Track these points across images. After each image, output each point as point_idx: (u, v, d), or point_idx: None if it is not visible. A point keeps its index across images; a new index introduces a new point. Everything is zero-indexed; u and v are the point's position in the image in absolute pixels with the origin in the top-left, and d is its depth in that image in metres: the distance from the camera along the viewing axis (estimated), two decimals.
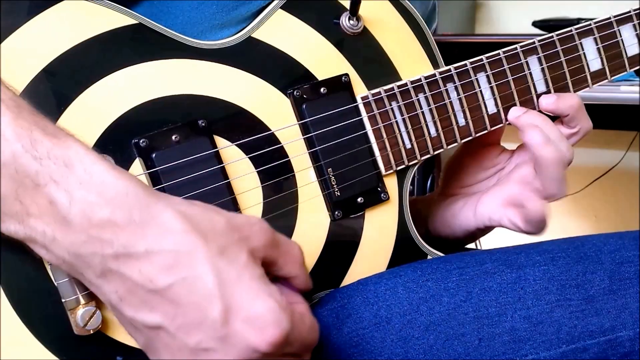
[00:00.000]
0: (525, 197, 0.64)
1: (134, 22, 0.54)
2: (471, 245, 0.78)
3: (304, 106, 0.59)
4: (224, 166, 0.55)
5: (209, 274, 0.43)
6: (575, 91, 0.69)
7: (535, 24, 1.67)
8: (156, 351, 0.46)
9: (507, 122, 0.67)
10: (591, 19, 0.70)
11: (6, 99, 0.45)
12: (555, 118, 0.68)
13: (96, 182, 0.43)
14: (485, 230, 0.70)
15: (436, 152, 0.65)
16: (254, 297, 0.43)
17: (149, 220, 0.43)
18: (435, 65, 0.66)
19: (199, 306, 0.43)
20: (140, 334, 0.46)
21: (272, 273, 0.48)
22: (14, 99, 0.45)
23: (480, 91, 0.65)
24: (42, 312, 0.49)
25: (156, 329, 0.44)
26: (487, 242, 0.84)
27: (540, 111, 0.67)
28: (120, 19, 0.53)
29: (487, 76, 0.65)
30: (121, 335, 0.51)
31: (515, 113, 0.66)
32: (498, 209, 0.67)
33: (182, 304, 0.43)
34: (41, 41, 0.50)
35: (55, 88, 0.51)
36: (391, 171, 0.63)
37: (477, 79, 0.65)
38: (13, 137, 0.43)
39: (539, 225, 0.64)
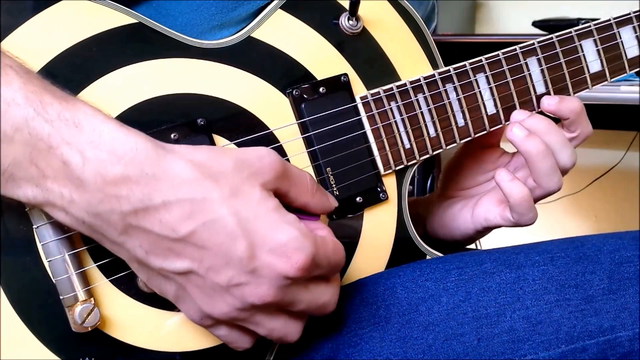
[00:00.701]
0: (501, 182, 0.64)
1: (134, 21, 0.54)
2: (471, 245, 0.78)
3: (303, 105, 0.59)
4: None
5: (227, 215, 0.45)
6: (575, 93, 0.69)
7: (535, 24, 1.67)
8: (188, 297, 0.47)
9: (507, 123, 0.67)
10: (591, 19, 0.70)
11: (15, 65, 0.46)
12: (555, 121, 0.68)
13: (106, 140, 0.44)
14: (483, 232, 0.70)
15: (435, 153, 0.65)
16: (275, 228, 0.45)
17: (161, 172, 0.45)
18: (434, 65, 0.65)
19: (224, 246, 0.45)
20: (171, 283, 0.47)
21: (288, 204, 0.50)
22: (22, 67, 0.46)
23: (480, 92, 0.65)
24: (42, 310, 0.49)
25: (186, 274, 0.46)
26: (486, 242, 0.83)
27: (540, 112, 0.67)
28: (120, 18, 0.53)
29: (487, 77, 0.65)
30: (120, 333, 0.51)
31: (519, 117, 0.65)
32: (492, 208, 0.67)
33: (207, 246, 0.45)
34: (41, 40, 0.51)
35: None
36: (390, 171, 0.63)
37: (476, 80, 0.65)
38: (24, 102, 0.44)
39: (524, 211, 0.63)
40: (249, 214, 0.45)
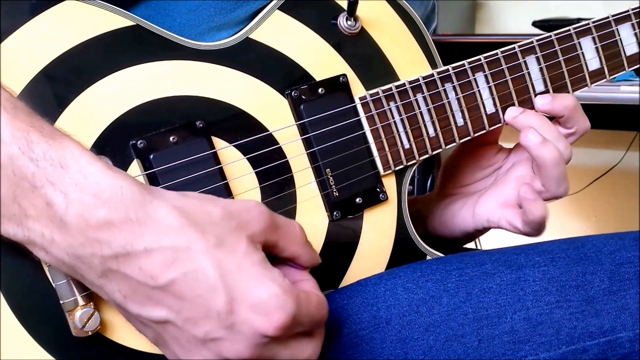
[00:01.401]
0: (525, 200, 0.63)
1: (131, 23, 0.54)
2: (471, 245, 0.78)
3: (302, 107, 0.59)
4: (222, 167, 0.55)
5: (210, 266, 0.43)
6: (574, 91, 0.69)
7: (535, 24, 1.67)
8: (166, 344, 0.46)
9: (505, 122, 0.67)
10: (591, 19, 0.70)
11: (3, 100, 0.45)
12: (552, 118, 0.68)
13: (91, 183, 0.43)
14: (482, 230, 0.70)
15: (435, 152, 0.65)
16: (257, 283, 0.44)
17: (146, 218, 0.44)
18: (433, 65, 0.65)
19: (203, 298, 0.43)
20: (149, 330, 0.46)
21: (276, 255, 0.48)
22: (10, 100, 0.45)
23: (479, 91, 0.65)
24: (41, 314, 0.49)
25: (163, 323, 0.45)
26: (486, 242, 0.83)
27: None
28: (117, 20, 0.53)
29: (485, 76, 0.65)
30: (120, 337, 0.51)
31: (513, 113, 0.66)
32: (496, 210, 0.67)
33: (186, 297, 0.43)
34: (39, 43, 0.50)
35: (53, 89, 0.51)
36: (390, 171, 0.63)
37: (475, 79, 0.65)
38: (10, 139, 0.43)
39: (538, 227, 0.64)
40: (232, 266, 0.44)
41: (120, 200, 0.43)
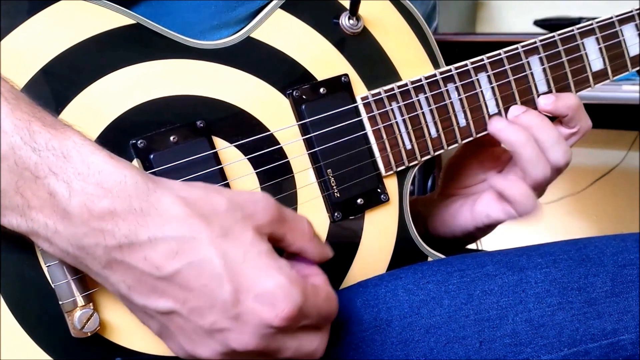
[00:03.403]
0: (500, 185, 0.64)
1: (132, 22, 0.53)
2: (472, 246, 0.78)
3: (303, 107, 0.58)
4: (222, 167, 0.55)
5: (215, 256, 0.43)
6: (577, 91, 0.69)
7: (537, 23, 1.67)
8: (171, 335, 0.46)
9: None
10: (592, 18, 0.69)
11: (4, 91, 0.45)
12: (553, 118, 0.67)
13: (94, 173, 0.43)
14: (484, 230, 0.70)
15: (436, 153, 0.64)
16: (263, 274, 0.43)
17: (149, 208, 0.43)
18: (435, 65, 0.65)
19: (209, 289, 0.43)
20: (154, 321, 0.46)
21: (283, 249, 0.48)
22: (12, 91, 0.45)
23: (481, 91, 0.65)
24: (40, 315, 0.49)
25: (169, 314, 0.45)
26: (488, 243, 0.83)
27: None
28: (118, 18, 0.53)
29: (488, 76, 0.65)
30: (120, 338, 0.51)
31: (515, 112, 0.66)
32: (494, 204, 0.67)
33: (192, 288, 0.43)
34: (39, 41, 0.50)
35: (53, 88, 0.50)
36: (391, 172, 0.62)
37: (478, 79, 0.65)
38: (12, 129, 0.43)
39: (528, 208, 0.63)
40: (238, 256, 0.43)
41: (123, 189, 0.43)
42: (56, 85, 0.50)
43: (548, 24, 1.60)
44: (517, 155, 0.64)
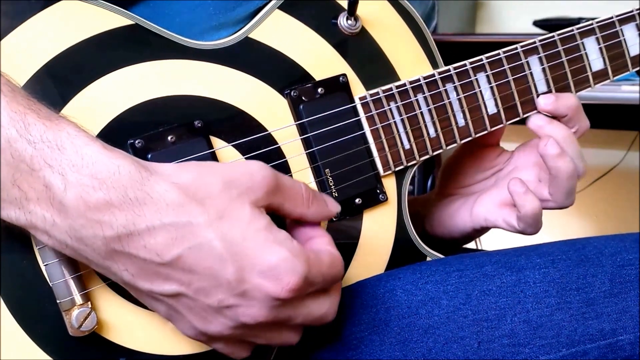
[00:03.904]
0: (515, 193, 0.63)
1: (130, 22, 0.53)
2: (471, 245, 0.78)
3: (301, 107, 0.58)
4: None
5: (214, 239, 0.44)
6: (577, 91, 0.69)
7: (536, 23, 1.67)
8: (181, 316, 0.47)
9: (508, 123, 0.67)
10: (592, 18, 0.69)
11: (0, 84, 0.45)
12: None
13: (88, 164, 0.43)
14: (481, 231, 0.70)
15: (435, 153, 0.64)
16: (264, 249, 0.44)
17: (145, 197, 0.44)
18: (434, 65, 0.65)
19: (213, 270, 0.44)
20: (161, 304, 0.47)
21: (283, 217, 0.49)
22: (7, 84, 0.46)
23: (480, 91, 0.65)
24: (38, 313, 0.49)
25: (176, 296, 0.45)
26: (487, 243, 0.83)
27: (539, 112, 0.67)
28: (116, 19, 0.53)
29: (487, 76, 0.65)
30: (118, 337, 0.51)
31: (539, 122, 0.65)
32: (494, 209, 0.67)
33: (195, 270, 0.44)
34: (37, 42, 0.50)
35: (51, 88, 0.50)
36: (389, 172, 0.62)
37: (476, 79, 0.65)
38: (7, 122, 0.43)
39: (533, 223, 0.63)
40: (237, 235, 0.44)
41: (117, 180, 0.43)
42: (55, 85, 0.50)
43: (547, 25, 1.60)
44: (559, 184, 0.63)
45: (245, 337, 0.48)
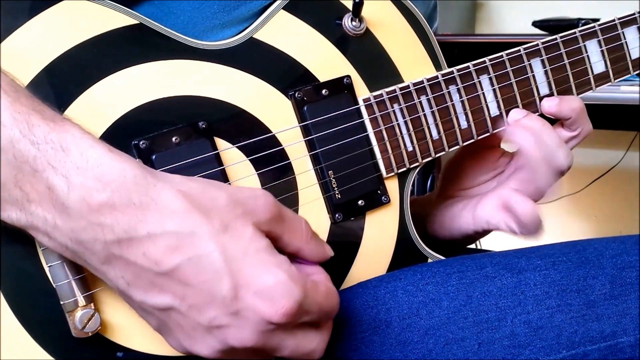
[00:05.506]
0: (513, 200, 0.63)
1: (134, 22, 0.53)
2: (472, 246, 0.78)
3: (305, 108, 0.58)
4: (224, 168, 0.55)
5: (215, 251, 0.43)
6: (578, 94, 0.69)
7: (535, 24, 1.66)
8: (170, 332, 0.46)
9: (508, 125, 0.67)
10: (591, 19, 0.69)
11: (4, 84, 0.44)
12: (554, 121, 0.67)
13: (93, 166, 0.43)
14: (483, 233, 0.70)
15: (438, 155, 0.64)
16: (262, 269, 0.43)
17: (149, 202, 0.43)
18: (437, 67, 0.65)
19: (208, 284, 0.43)
20: (152, 317, 0.46)
21: (280, 249, 0.48)
22: (11, 84, 0.45)
23: (483, 93, 0.65)
24: (42, 314, 0.49)
25: (167, 310, 0.44)
26: (487, 245, 0.83)
27: (541, 114, 0.67)
28: (120, 19, 0.53)
29: (490, 78, 0.65)
30: (121, 337, 0.51)
31: (515, 116, 0.66)
32: (496, 212, 0.67)
33: (191, 283, 0.43)
34: (41, 41, 0.50)
35: (54, 89, 0.50)
36: (392, 174, 0.62)
37: (479, 81, 0.65)
38: (10, 122, 0.43)
39: (533, 229, 0.63)
40: (238, 251, 0.43)
41: (122, 183, 0.43)
42: (58, 85, 0.50)
43: (547, 25, 1.60)
44: (524, 159, 0.64)
45: (233, 358, 0.46)
